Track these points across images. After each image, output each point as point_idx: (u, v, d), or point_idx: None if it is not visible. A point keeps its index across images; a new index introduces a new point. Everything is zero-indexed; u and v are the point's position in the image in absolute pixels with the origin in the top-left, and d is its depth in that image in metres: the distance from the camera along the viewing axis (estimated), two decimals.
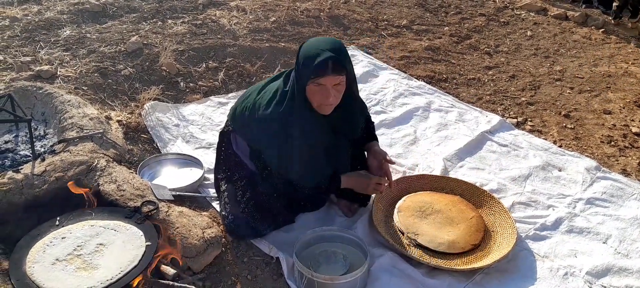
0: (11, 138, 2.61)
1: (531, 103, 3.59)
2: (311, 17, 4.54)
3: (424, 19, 4.91)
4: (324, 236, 2.26)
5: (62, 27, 3.89)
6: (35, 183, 2.18)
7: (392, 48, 4.29)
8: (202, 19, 4.24)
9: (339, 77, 1.90)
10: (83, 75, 3.28)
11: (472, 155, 2.96)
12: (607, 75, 4.04)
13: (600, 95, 3.73)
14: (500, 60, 4.25)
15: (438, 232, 2.29)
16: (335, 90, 1.93)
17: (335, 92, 1.94)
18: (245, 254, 2.20)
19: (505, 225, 2.34)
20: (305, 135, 2.02)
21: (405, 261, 2.18)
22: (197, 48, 3.83)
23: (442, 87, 3.75)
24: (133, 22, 4.10)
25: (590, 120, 3.39)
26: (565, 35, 4.82)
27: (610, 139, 3.18)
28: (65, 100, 2.76)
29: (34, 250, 1.89)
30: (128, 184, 2.25)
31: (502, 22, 5.02)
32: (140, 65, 3.51)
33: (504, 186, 2.69)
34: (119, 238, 1.97)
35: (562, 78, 3.98)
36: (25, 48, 3.55)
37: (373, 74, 3.80)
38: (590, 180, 2.75)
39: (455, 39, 4.56)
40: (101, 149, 2.47)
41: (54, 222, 2.04)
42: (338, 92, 1.95)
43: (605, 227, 2.44)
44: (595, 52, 4.48)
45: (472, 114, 3.36)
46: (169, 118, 3.10)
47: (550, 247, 2.32)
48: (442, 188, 2.57)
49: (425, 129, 3.21)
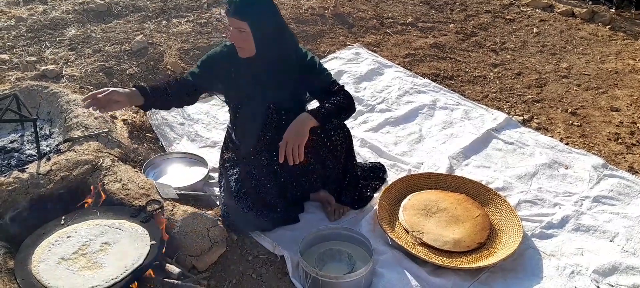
0: (17, 137, 2.62)
1: (537, 100, 3.57)
2: (316, 15, 4.53)
3: (429, 16, 4.88)
4: (329, 234, 2.25)
5: (67, 26, 3.91)
6: (41, 183, 2.19)
7: (397, 46, 4.27)
8: (207, 18, 4.24)
9: (238, 21, 2.02)
10: (88, 74, 3.29)
11: (477, 153, 2.94)
12: (614, 72, 4.00)
13: (607, 92, 3.70)
14: (506, 58, 4.22)
15: (443, 230, 2.27)
16: (239, 33, 2.05)
17: (238, 35, 2.06)
18: (250, 253, 2.19)
19: (511, 224, 2.33)
20: (230, 66, 2.22)
21: (410, 260, 2.17)
22: (202, 47, 3.83)
23: (448, 84, 3.73)
24: (138, 21, 4.11)
25: (597, 117, 3.36)
26: (572, 31, 4.78)
27: (617, 136, 3.15)
28: (70, 100, 2.77)
29: (39, 249, 1.90)
30: (133, 183, 2.25)
31: (508, 19, 4.99)
32: (145, 64, 3.52)
33: (510, 184, 2.67)
34: (124, 238, 1.97)
35: (569, 75, 3.95)
36: (30, 48, 3.57)
37: (378, 71, 3.79)
38: (597, 178, 2.73)
39: (461, 36, 4.54)
40: (106, 148, 2.48)
41: (59, 221, 2.05)
42: (241, 36, 2.06)
43: (612, 225, 2.42)
44: (602, 48, 4.45)
45: (477, 112, 3.34)
46: (173, 117, 3.10)
47: (557, 246, 2.31)
48: (448, 187, 2.56)
49: (430, 126, 3.19)
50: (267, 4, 2.11)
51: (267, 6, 2.10)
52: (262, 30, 2.07)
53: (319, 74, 2.22)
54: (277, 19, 2.14)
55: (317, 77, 2.22)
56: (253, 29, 2.04)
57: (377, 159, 2.84)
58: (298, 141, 1.99)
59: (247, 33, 2.05)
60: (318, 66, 2.23)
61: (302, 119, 2.04)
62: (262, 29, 2.07)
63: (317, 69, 2.22)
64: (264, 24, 2.08)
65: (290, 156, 1.99)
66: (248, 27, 2.03)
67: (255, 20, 2.04)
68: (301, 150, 2.00)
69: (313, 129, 2.06)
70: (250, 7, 2.03)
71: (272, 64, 2.17)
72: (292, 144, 1.98)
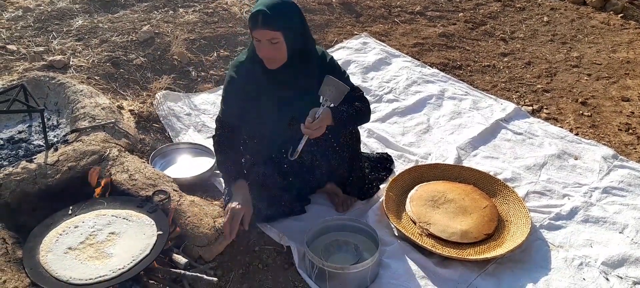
0: (24, 128, 2.63)
1: (547, 90, 3.52)
2: (323, 4, 4.49)
3: (438, 4, 4.83)
4: (335, 225, 2.25)
5: (74, 16, 3.91)
6: (49, 173, 2.20)
7: (405, 35, 4.23)
8: (214, 8, 4.23)
9: (271, 32, 1.91)
10: (95, 64, 3.29)
11: (486, 143, 2.91)
12: (626, 61, 3.94)
13: (619, 82, 3.64)
14: (515, 47, 4.17)
15: (451, 221, 2.26)
16: (271, 44, 1.94)
17: (270, 47, 1.95)
18: (257, 243, 2.20)
19: (519, 215, 2.31)
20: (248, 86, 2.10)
21: (417, 251, 2.16)
22: (209, 37, 3.82)
23: (456, 74, 3.70)
24: (144, 11, 4.10)
25: (608, 107, 3.32)
26: (583, 20, 4.71)
27: (628, 126, 3.11)
28: (77, 90, 2.78)
29: (47, 239, 1.91)
30: (140, 174, 2.25)
31: (518, 7, 4.92)
32: (152, 54, 3.51)
33: (518, 175, 2.65)
34: (131, 228, 1.98)
35: (579, 64, 3.90)
36: (38, 38, 3.58)
37: (386, 61, 3.76)
38: (607, 168, 2.70)
39: (470, 25, 4.49)
40: (113, 139, 2.48)
41: (67, 212, 2.06)
42: (274, 47, 1.95)
43: (622, 216, 2.40)
44: (614, 37, 4.38)
45: (486, 102, 3.31)
46: (180, 107, 3.10)
47: (565, 237, 2.29)
48: (456, 178, 2.54)
49: (438, 117, 3.17)
50: (295, 9, 2.02)
51: (295, 11, 2.01)
52: (294, 36, 1.99)
53: (340, 77, 2.14)
54: (304, 23, 2.06)
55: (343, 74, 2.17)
56: (286, 37, 1.94)
57: (384, 150, 2.82)
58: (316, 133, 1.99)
59: (281, 43, 1.94)
60: (338, 68, 2.18)
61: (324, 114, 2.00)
62: (294, 35, 1.98)
63: (338, 71, 2.16)
64: (295, 29, 1.99)
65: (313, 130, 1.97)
66: (282, 37, 1.93)
67: (287, 27, 1.94)
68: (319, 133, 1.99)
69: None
70: (281, 15, 1.92)
71: (298, 71, 2.08)
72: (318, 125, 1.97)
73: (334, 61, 2.19)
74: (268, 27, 1.90)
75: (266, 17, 1.89)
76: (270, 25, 1.90)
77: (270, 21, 1.90)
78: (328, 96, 2.03)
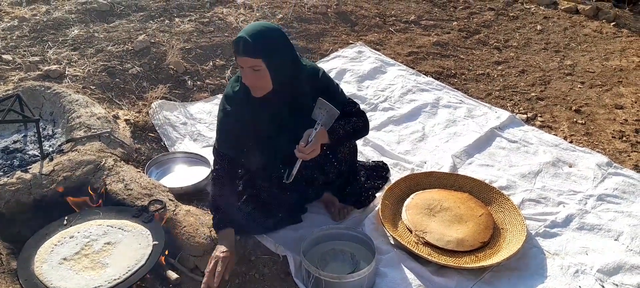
0: (20, 138, 2.63)
1: (541, 98, 3.55)
2: (318, 13, 4.52)
3: (432, 14, 4.86)
4: (332, 234, 2.25)
5: (70, 26, 3.91)
6: (44, 183, 2.19)
7: (400, 44, 4.26)
8: (209, 17, 4.24)
9: (252, 60, 1.87)
10: (91, 74, 3.29)
11: (481, 151, 2.93)
12: (619, 69, 3.98)
13: (612, 89, 3.67)
14: (509, 55, 4.20)
15: (447, 229, 2.26)
16: (253, 71, 1.90)
17: (253, 74, 1.91)
18: (253, 253, 2.19)
19: (514, 223, 2.32)
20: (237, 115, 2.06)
21: (413, 259, 2.16)
22: (204, 46, 3.83)
23: (451, 82, 3.72)
24: (140, 20, 4.11)
25: (602, 115, 3.34)
26: (576, 29, 4.75)
27: (621, 134, 3.13)
28: (73, 100, 2.77)
29: (42, 250, 1.91)
30: (135, 183, 2.25)
31: (512, 16, 4.96)
32: (148, 63, 3.52)
33: (513, 183, 2.66)
34: (126, 238, 1.97)
35: (573, 72, 3.93)
36: (33, 48, 3.58)
37: (381, 70, 3.77)
38: (602, 176, 2.71)
39: (464, 34, 4.52)
40: (109, 148, 2.48)
41: (62, 222, 2.05)
42: (256, 75, 1.91)
43: (617, 223, 2.41)
44: (607, 45, 4.42)
45: (481, 110, 3.33)
46: (176, 116, 3.10)
47: (561, 245, 2.29)
48: (451, 186, 2.54)
49: (433, 125, 3.18)
50: (278, 35, 1.96)
51: (278, 37, 1.96)
52: (278, 63, 1.93)
53: (335, 93, 2.13)
54: (290, 48, 2.00)
55: (334, 98, 2.09)
56: (269, 65, 1.90)
57: (380, 158, 2.83)
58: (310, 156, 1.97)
59: (263, 70, 1.89)
60: (332, 85, 2.14)
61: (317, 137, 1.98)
62: (277, 62, 1.93)
63: (332, 89, 2.13)
64: (278, 56, 1.94)
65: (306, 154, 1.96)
66: (263, 64, 1.88)
67: (269, 55, 1.89)
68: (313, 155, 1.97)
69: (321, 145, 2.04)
70: (263, 43, 1.88)
71: (289, 95, 2.04)
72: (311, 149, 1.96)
73: (326, 77, 2.14)
74: (248, 54, 1.87)
75: (247, 44, 1.86)
76: (250, 53, 1.86)
77: (250, 49, 1.86)
78: (320, 119, 2.00)
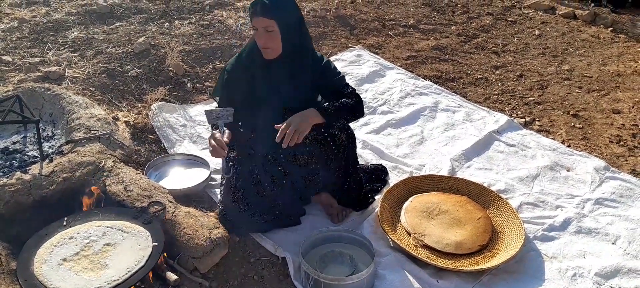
0: (19, 139, 2.63)
1: (539, 102, 3.56)
2: (317, 17, 4.53)
3: (431, 18, 4.89)
4: (331, 236, 2.25)
5: (70, 28, 3.92)
6: (43, 184, 2.19)
7: (399, 47, 4.27)
8: (209, 20, 4.25)
9: (267, 20, 2.04)
10: (90, 76, 3.29)
11: (479, 155, 2.94)
12: (616, 74, 4.00)
13: (609, 94, 3.69)
14: (507, 60, 4.22)
15: (445, 232, 2.27)
16: (266, 32, 2.07)
17: (266, 35, 2.08)
18: (252, 254, 2.20)
19: (512, 226, 2.33)
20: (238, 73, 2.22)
21: (412, 262, 2.17)
22: (204, 48, 3.84)
23: (450, 86, 3.73)
24: (140, 23, 4.12)
25: (599, 119, 3.36)
26: (574, 34, 4.78)
27: (619, 138, 3.15)
28: (72, 101, 2.78)
29: (42, 251, 1.91)
30: (135, 185, 2.25)
31: (510, 21, 4.99)
32: (147, 66, 3.52)
33: (511, 186, 2.67)
34: (126, 239, 1.98)
35: (571, 77, 3.95)
36: (33, 49, 3.58)
37: (380, 73, 3.79)
38: (599, 180, 2.73)
39: (463, 38, 4.54)
40: (108, 150, 2.49)
41: (62, 223, 2.05)
42: (269, 36, 2.08)
43: (614, 227, 2.42)
44: (604, 50, 4.44)
45: (479, 114, 3.34)
46: (175, 118, 3.11)
47: (559, 248, 2.30)
48: (449, 189, 2.56)
49: (432, 128, 3.19)
50: (292, 2, 2.15)
51: (291, 3, 2.14)
52: (289, 27, 2.10)
53: (333, 76, 2.24)
54: (300, 17, 2.17)
55: (331, 80, 2.24)
56: (281, 27, 2.07)
57: (378, 161, 2.84)
58: (300, 128, 2.00)
59: (276, 32, 2.07)
60: (333, 69, 2.26)
61: (309, 112, 2.07)
62: (288, 26, 2.10)
63: (331, 72, 2.25)
64: (290, 20, 2.11)
65: (287, 139, 1.98)
66: (276, 26, 2.06)
67: (282, 17, 2.07)
68: (300, 138, 2.00)
69: (317, 128, 2.09)
70: (277, 4, 2.05)
71: (292, 65, 2.18)
72: (294, 128, 1.98)
73: (329, 63, 2.27)
74: (264, 15, 2.04)
75: (263, 6, 2.03)
76: (266, 13, 2.04)
77: (266, 10, 2.04)
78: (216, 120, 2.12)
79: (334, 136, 2.22)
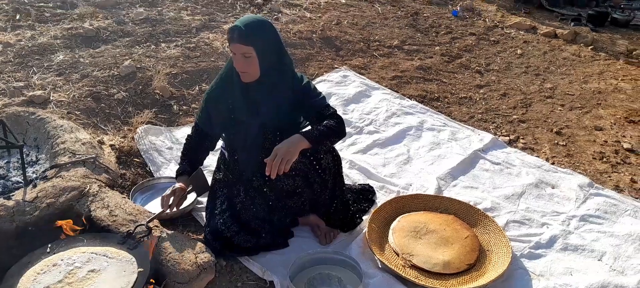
0: (2, 164, 2.59)
1: (523, 121, 3.61)
2: (304, 38, 4.57)
3: (415, 39, 4.96)
4: (319, 258, 2.24)
5: (55, 52, 3.90)
6: (27, 210, 2.16)
7: (384, 68, 4.32)
8: (196, 42, 4.27)
9: (244, 47, 2.06)
10: (76, 99, 3.27)
11: (465, 173, 2.96)
12: (598, 91, 4.08)
13: (591, 111, 3.76)
14: (491, 79, 4.29)
15: (433, 252, 2.28)
16: (244, 58, 2.09)
17: (244, 60, 2.09)
18: (239, 278, 2.18)
19: (500, 244, 2.34)
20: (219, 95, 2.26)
21: (400, 282, 2.16)
22: (191, 71, 3.84)
23: (434, 106, 3.77)
24: (126, 46, 4.12)
25: (582, 136, 3.41)
26: (555, 52, 4.88)
27: (602, 155, 3.20)
28: (57, 125, 2.75)
29: (25, 279, 1.87)
30: (120, 209, 2.23)
31: (492, 40, 5.08)
32: (134, 88, 3.52)
33: (497, 204, 2.69)
34: (111, 265, 1.95)
35: (553, 95, 4.02)
36: (18, 73, 3.55)
37: (365, 94, 3.82)
38: (584, 197, 2.76)
39: (446, 58, 4.61)
40: (93, 174, 2.46)
41: (45, 249, 2.02)
42: (247, 62, 2.09)
43: (600, 244, 2.44)
44: (585, 68, 4.53)
45: (464, 133, 3.38)
46: (162, 141, 3.09)
47: (546, 265, 2.32)
48: (436, 208, 2.57)
49: (418, 148, 3.22)
50: (270, 28, 2.16)
51: (269, 30, 2.16)
52: (266, 52, 2.11)
53: (314, 97, 2.25)
54: (278, 42, 2.19)
55: (312, 101, 2.25)
56: (258, 53, 2.08)
57: (366, 181, 2.84)
58: (287, 157, 2.01)
59: (253, 57, 2.09)
60: (313, 90, 2.27)
61: (295, 139, 2.06)
62: (266, 52, 2.11)
63: (312, 93, 2.26)
64: (268, 46, 2.13)
65: (275, 170, 1.99)
66: (254, 52, 2.07)
67: (260, 44, 2.08)
68: (288, 166, 2.01)
69: (303, 152, 2.08)
70: (254, 31, 2.08)
71: (272, 87, 2.19)
72: (281, 157, 2.00)
73: (309, 83, 2.28)
74: (241, 41, 2.05)
75: (241, 32, 2.05)
76: (242, 40, 2.05)
77: (242, 36, 2.05)
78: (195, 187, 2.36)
79: (320, 160, 2.24)
